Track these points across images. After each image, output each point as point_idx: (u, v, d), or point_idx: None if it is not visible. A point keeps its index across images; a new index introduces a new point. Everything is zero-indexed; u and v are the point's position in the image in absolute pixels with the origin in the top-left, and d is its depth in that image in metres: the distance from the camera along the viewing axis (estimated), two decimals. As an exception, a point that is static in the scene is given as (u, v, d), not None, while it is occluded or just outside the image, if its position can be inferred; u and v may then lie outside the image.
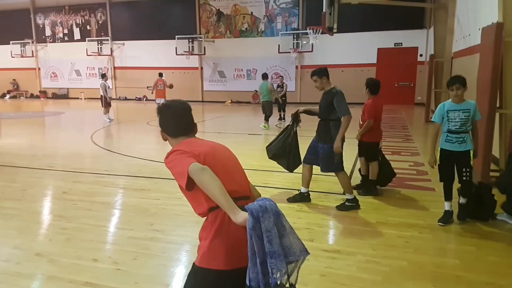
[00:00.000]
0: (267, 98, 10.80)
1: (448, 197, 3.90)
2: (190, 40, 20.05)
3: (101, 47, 22.23)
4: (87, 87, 23.18)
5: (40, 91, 24.19)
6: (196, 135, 1.96)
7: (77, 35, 23.29)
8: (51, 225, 3.91)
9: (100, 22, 22.74)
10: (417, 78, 17.41)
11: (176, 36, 19.93)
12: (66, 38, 23.60)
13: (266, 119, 10.79)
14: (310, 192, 4.59)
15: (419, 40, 17.11)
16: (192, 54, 20.11)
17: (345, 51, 17.95)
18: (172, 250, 3.42)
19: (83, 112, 17.04)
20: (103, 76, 13.22)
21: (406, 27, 16.98)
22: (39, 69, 24.35)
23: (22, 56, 23.64)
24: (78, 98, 23.47)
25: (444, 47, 11.47)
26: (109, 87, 13.07)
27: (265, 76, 11.29)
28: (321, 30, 15.33)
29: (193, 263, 1.75)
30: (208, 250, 1.66)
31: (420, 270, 3.03)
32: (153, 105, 17.36)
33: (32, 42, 23.74)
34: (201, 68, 21.09)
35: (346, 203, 4.30)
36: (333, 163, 4.20)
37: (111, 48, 22.35)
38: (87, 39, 22.54)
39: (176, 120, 1.89)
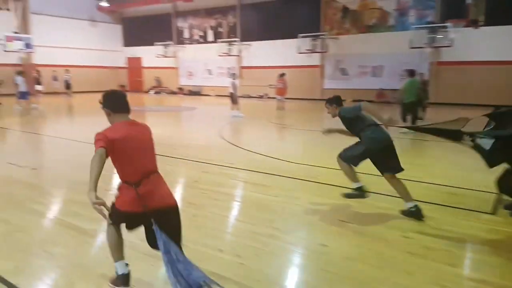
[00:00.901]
0: (413, 98, 9.61)
1: None
2: (312, 38, 20.02)
3: (230, 48, 23.76)
4: (217, 85, 25.08)
5: (178, 88, 27.08)
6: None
7: (210, 37, 25.37)
8: (184, 211, 4.22)
9: (231, 25, 24.32)
10: None
11: (299, 35, 20.12)
12: (201, 40, 25.92)
13: (413, 122, 9.60)
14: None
15: None
16: (314, 52, 20.04)
17: (494, 46, 15.61)
18: (290, 252, 3.41)
19: (213, 108, 18.47)
20: (233, 75, 14.13)
21: None
22: (177, 68, 27.28)
23: (164, 57, 26.79)
24: (209, 95, 25.56)
25: None
26: (237, 86, 13.92)
27: (412, 73, 9.98)
28: (464, 24, 13.66)
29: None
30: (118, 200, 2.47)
31: None
32: (273, 103, 17.96)
33: (173, 44, 26.71)
34: (322, 65, 20.88)
35: (351, 192, 4.23)
36: (350, 152, 4.13)
37: (239, 49, 23.72)
38: (218, 40, 24.37)
39: (117, 101, 2.61)
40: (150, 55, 27.66)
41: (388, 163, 3.99)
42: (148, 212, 2.34)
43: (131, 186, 2.39)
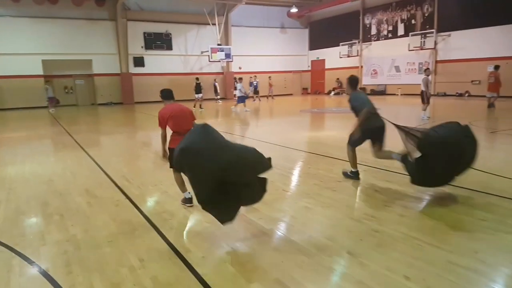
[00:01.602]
0: None
1: None
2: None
3: (424, 41, 21.54)
4: (405, 83, 23.18)
5: (360, 88, 26.30)
6: None
7: (400, 31, 23.61)
8: (363, 224, 3.84)
9: (426, 15, 22.02)
10: None
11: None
12: (389, 35, 24.41)
13: None
14: None
15: None
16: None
17: None
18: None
19: (399, 108, 17.07)
20: (426, 71, 12.60)
21: None
22: (361, 67, 26.48)
23: (348, 56, 26.43)
24: (395, 94, 23.87)
25: None
26: (430, 82, 12.38)
27: None
28: None
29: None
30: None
31: None
32: (475, 102, 15.27)
33: (358, 42, 26.03)
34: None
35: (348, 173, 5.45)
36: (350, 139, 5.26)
37: (435, 41, 21.25)
38: (410, 33, 22.42)
39: (165, 94, 4.63)
40: (333, 56, 27.80)
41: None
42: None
43: (177, 135, 4.37)
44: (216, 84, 24.12)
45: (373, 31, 25.45)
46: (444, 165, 4.26)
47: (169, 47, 26.04)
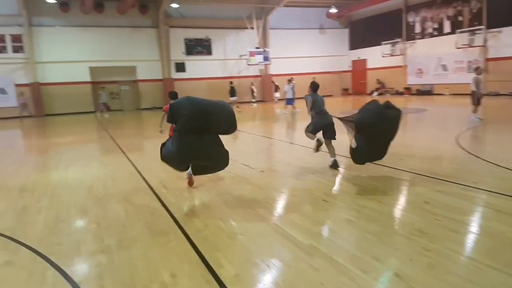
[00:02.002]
0: None
1: None
2: None
3: (472, 38, 20.29)
4: (453, 82, 21.96)
5: (404, 88, 25.24)
6: None
7: (446, 29, 22.41)
8: (412, 241, 3.50)
9: (474, 11, 20.74)
10: None
11: None
12: (435, 33, 23.25)
13: None
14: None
15: None
16: None
17: None
18: None
19: (448, 109, 16.14)
20: (477, 69, 11.76)
21: None
22: (405, 66, 25.41)
23: (391, 55, 25.46)
24: (442, 94, 22.68)
25: None
26: (481, 82, 11.53)
27: None
28: None
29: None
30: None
31: None
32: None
33: (401, 41, 25.01)
34: None
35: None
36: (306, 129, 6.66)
37: (484, 38, 19.96)
38: (457, 31, 21.22)
39: (171, 95, 5.98)
40: (375, 56, 26.93)
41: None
42: None
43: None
44: (253, 87, 24.04)
45: (417, 29, 24.33)
46: (380, 137, 5.48)
47: (209, 52, 26.41)
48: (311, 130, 6.52)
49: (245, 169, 6.77)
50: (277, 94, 24.82)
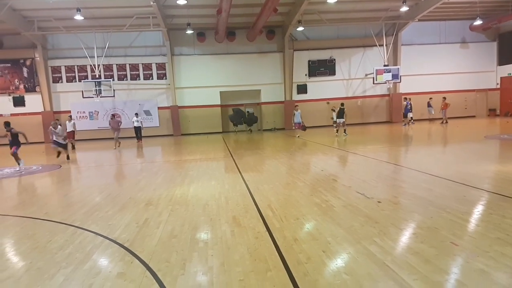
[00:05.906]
0: None
1: None
2: None
3: None
4: None
5: None
6: None
7: None
8: None
9: None
10: None
11: None
12: None
13: None
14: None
15: None
16: None
17: None
18: None
19: None
20: None
21: None
22: None
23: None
24: None
25: None
26: None
27: None
28: None
29: None
30: None
31: None
32: None
33: None
34: None
35: None
36: None
37: None
38: None
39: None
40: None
41: None
42: None
43: None
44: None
45: None
46: None
47: (332, 73, 26.21)
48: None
49: (359, 198, 6.23)
50: (410, 114, 22.97)
